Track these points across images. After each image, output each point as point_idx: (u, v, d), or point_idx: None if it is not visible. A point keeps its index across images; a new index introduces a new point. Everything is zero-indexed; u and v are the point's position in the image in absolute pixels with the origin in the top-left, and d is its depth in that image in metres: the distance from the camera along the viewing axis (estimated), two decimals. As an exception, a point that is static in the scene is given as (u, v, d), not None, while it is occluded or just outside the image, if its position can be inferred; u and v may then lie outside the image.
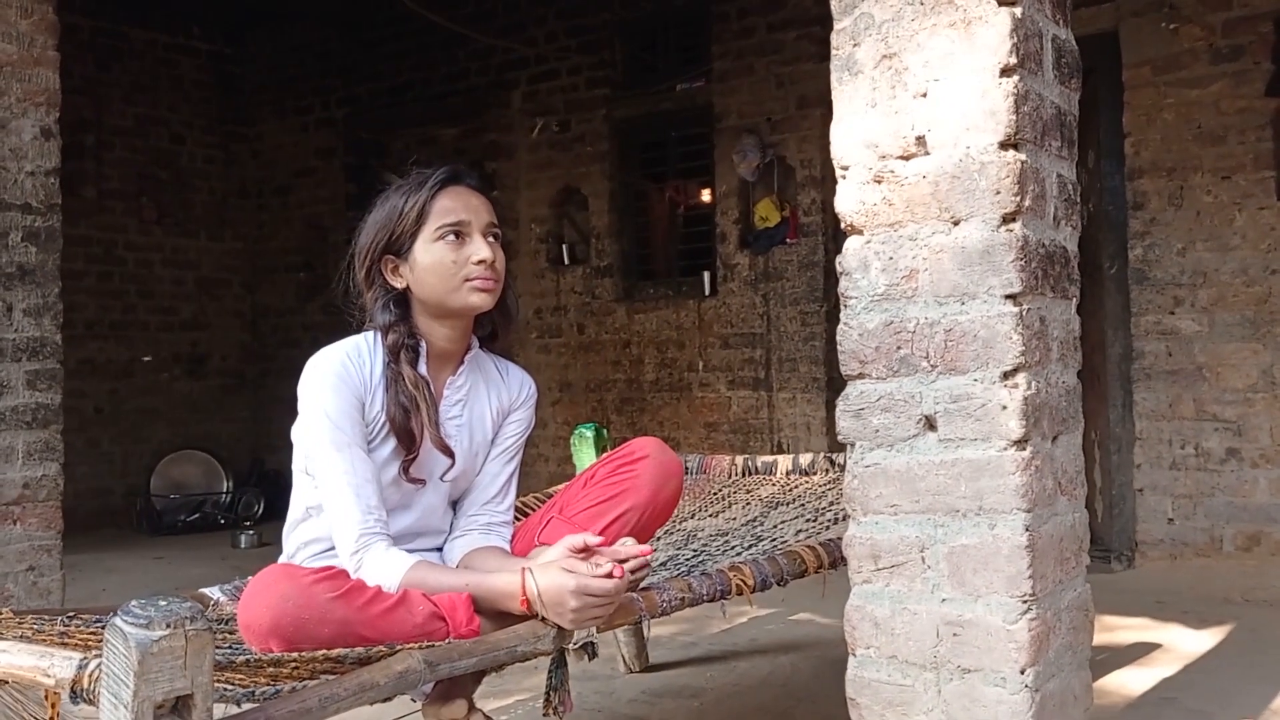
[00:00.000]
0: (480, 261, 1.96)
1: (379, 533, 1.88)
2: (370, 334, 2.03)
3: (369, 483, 1.91)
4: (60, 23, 3.52)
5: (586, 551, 1.87)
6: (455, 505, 2.15)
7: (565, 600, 1.75)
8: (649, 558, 1.99)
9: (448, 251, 1.97)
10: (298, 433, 1.98)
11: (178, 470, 7.10)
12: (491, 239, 2.01)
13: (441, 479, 2.04)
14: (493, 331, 2.14)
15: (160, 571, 5.40)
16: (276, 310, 7.76)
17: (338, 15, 7.20)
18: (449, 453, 2.01)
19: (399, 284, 2.02)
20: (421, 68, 6.95)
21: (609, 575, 1.78)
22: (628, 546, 1.93)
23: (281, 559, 2.09)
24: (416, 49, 6.92)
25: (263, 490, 6.97)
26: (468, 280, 1.97)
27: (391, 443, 1.98)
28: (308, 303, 7.48)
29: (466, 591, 1.81)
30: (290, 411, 2.01)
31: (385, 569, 1.82)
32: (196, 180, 7.71)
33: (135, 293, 7.34)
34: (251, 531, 6.21)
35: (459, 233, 1.98)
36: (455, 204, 1.99)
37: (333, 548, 1.97)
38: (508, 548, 2.11)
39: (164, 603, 1.24)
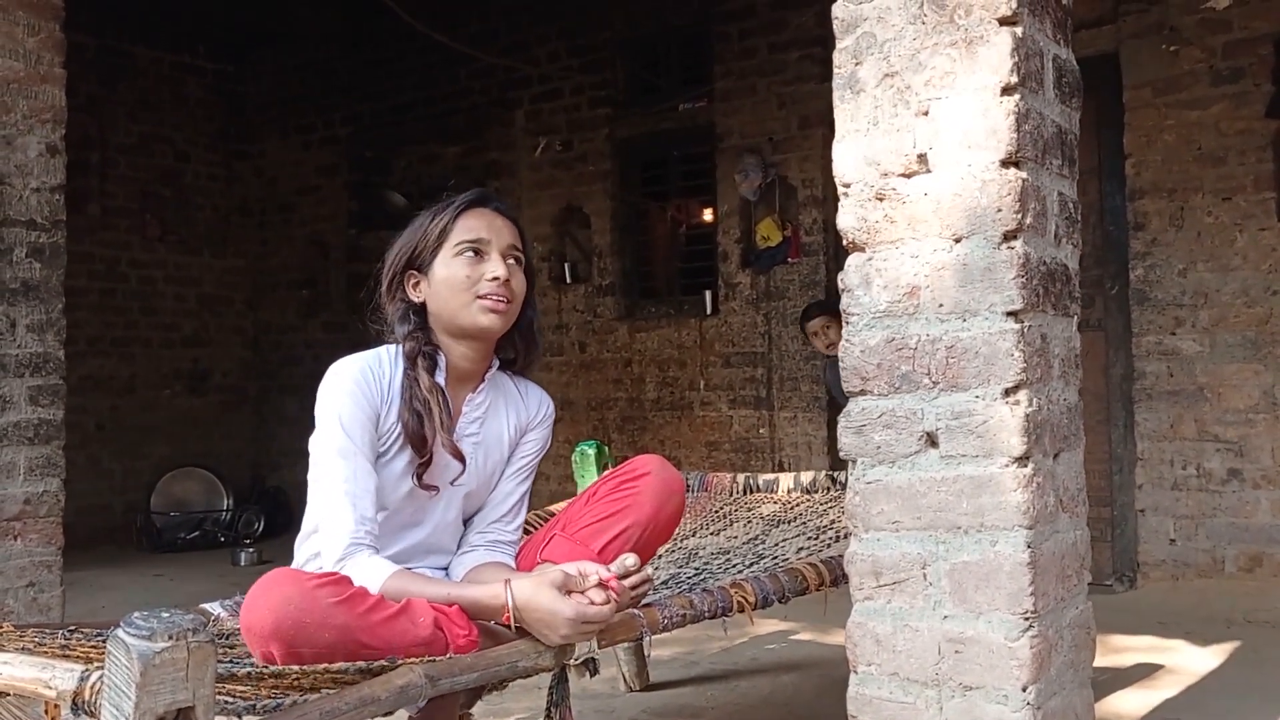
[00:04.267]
0: (494, 279, 1.98)
1: (367, 544, 1.88)
2: (392, 347, 2.05)
3: (367, 493, 1.91)
4: (66, 41, 3.54)
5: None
6: (466, 524, 2.16)
7: (558, 626, 1.76)
8: (650, 574, 1.99)
9: (464, 267, 2.00)
10: (315, 440, 1.98)
11: (178, 487, 7.09)
12: (512, 261, 2.03)
13: (452, 484, 2.04)
14: (514, 358, 2.15)
15: (160, 588, 5.40)
16: (278, 327, 7.77)
17: (341, 35, 7.24)
18: (460, 457, 2.01)
19: (418, 299, 2.05)
20: (424, 87, 6.99)
21: (605, 602, 1.79)
22: (627, 564, 1.93)
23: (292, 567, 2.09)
24: (419, 68, 6.96)
25: (263, 508, 6.95)
26: (480, 298, 1.98)
27: (406, 455, 1.98)
28: (309, 320, 7.50)
29: (449, 602, 1.80)
30: (292, 429, 2.01)
31: (366, 576, 1.82)
32: (199, 198, 7.73)
33: (138, 309, 7.35)
34: (251, 549, 6.20)
35: (478, 250, 2.00)
36: (478, 223, 2.03)
37: None
38: (513, 564, 2.11)
39: (166, 614, 1.24)
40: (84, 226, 6.57)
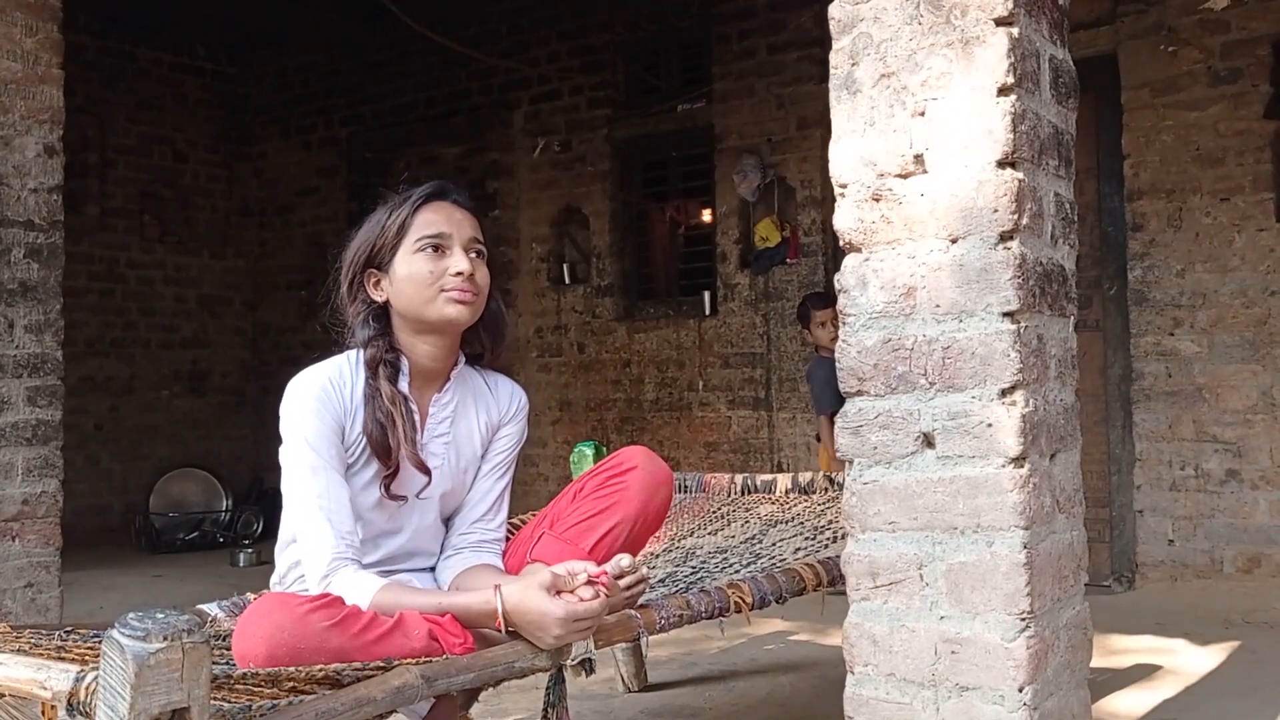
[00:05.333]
0: (458, 273, 1.94)
1: (350, 558, 1.86)
2: (353, 353, 2.01)
3: (343, 506, 1.89)
4: (66, 42, 3.54)
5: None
6: (447, 523, 2.14)
7: (549, 627, 1.75)
8: (646, 574, 1.98)
9: (426, 263, 1.96)
10: (283, 455, 1.97)
11: (177, 488, 7.08)
12: (474, 254, 1.99)
13: (417, 496, 2.01)
14: (481, 352, 2.12)
15: (159, 589, 5.39)
16: (278, 328, 7.77)
17: (341, 36, 7.24)
18: (425, 470, 1.98)
19: (380, 298, 2.01)
20: (424, 88, 6.99)
21: (594, 598, 1.78)
22: (623, 564, 1.92)
23: (273, 578, 2.08)
24: (419, 69, 6.96)
25: (262, 509, 6.96)
26: (444, 291, 1.94)
27: (375, 465, 1.96)
28: (309, 320, 7.49)
29: (441, 612, 1.78)
30: (291, 431, 2.00)
31: (354, 592, 1.79)
32: (199, 198, 7.74)
33: (137, 310, 7.36)
34: (250, 550, 6.20)
35: (439, 245, 1.96)
36: (437, 217, 1.99)
37: None
38: (500, 565, 2.09)
39: (161, 615, 1.24)
40: (83, 227, 6.58)
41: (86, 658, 1.61)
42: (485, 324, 2.06)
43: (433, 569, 2.11)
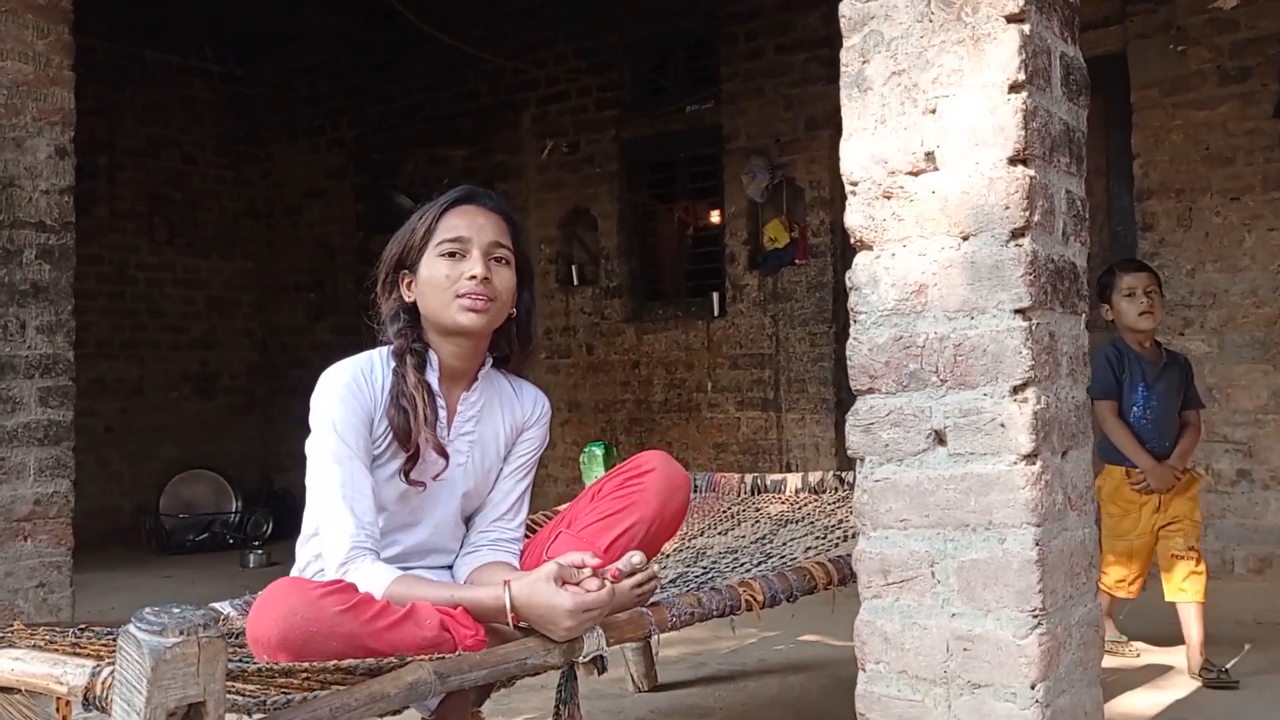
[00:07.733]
0: (472, 278, 1.97)
1: (369, 548, 1.88)
2: (385, 349, 2.05)
3: (365, 497, 1.91)
4: (75, 44, 3.56)
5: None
6: (468, 522, 2.16)
7: (559, 619, 1.77)
8: (656, 571, 1.99)
9: (444, 267, 1.99)
10: (310, 444, 1.98)
11: (187, 489, 7.11)
12: (495, 260, 2.02)
13: (434, 479, 2.03)
14: (508, 355, 2.15)
15: (169, 589, 5.40)
16: (286, 330, 7.79)
17: (349, 37, 7.26)
18: (443, 453, 2.00)
19: (410, 298, 2.05)
20: (432, 89, 7.00)
21: (600, 587, 1.80)
22: (634, 561, 1.93)
23: (294, 571, 2.09)
24: (427, 71, 6.98)
25: (271, 510, 6.97)
26: (459, 296, 1.97)
27: (400, 457, 1.98)
28: (317, 322, 7.52)
29: (453, 604, 1.80)
30: (299, 431, 2.02)
31: (368, 581, 1.82)
32: (207, 200, 7.76)
33: (146, 312, 7.39)
34: (260, 551, 6.21)
35: (456, 250, 2.00)
36: (459, 222, 2.02)
37: None
38: (516, 563, 2.11)
39: (177, 610, 1.25)
40: (92, 229, 6.59)
41: (101, 654, 1.62)
42: (515, 328, 2.10)
43: (450, 567, 2.13)
